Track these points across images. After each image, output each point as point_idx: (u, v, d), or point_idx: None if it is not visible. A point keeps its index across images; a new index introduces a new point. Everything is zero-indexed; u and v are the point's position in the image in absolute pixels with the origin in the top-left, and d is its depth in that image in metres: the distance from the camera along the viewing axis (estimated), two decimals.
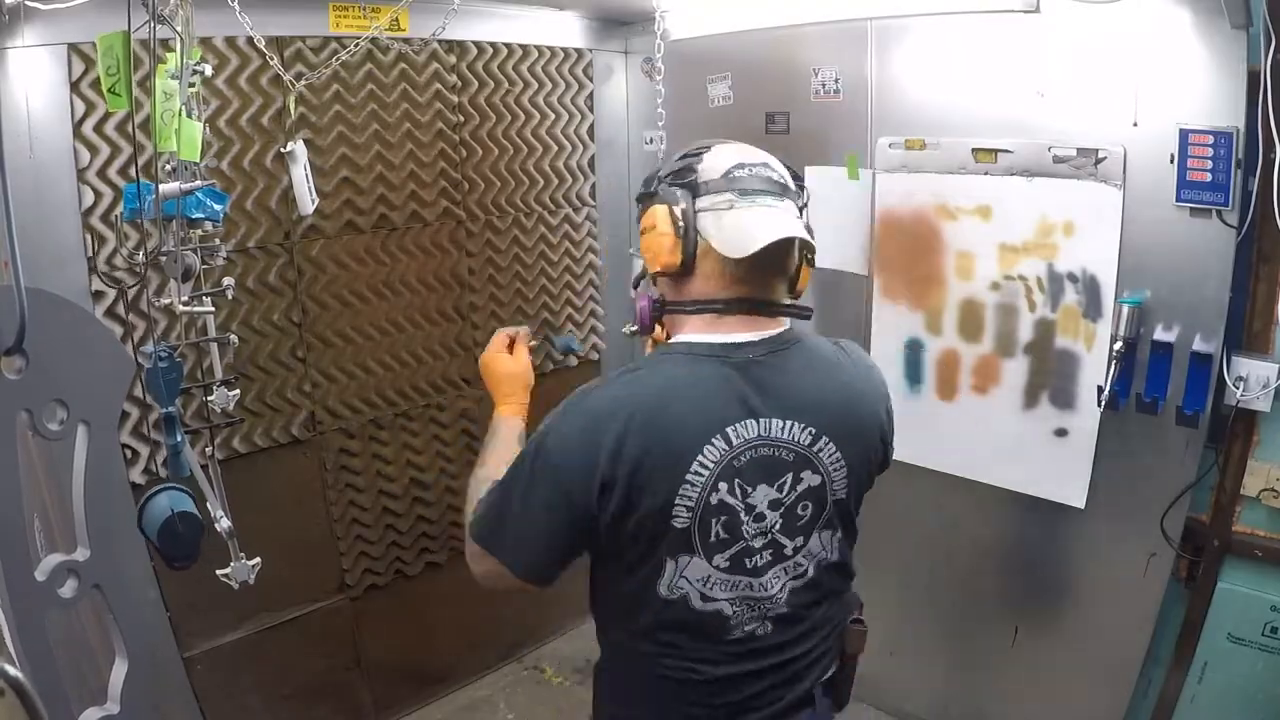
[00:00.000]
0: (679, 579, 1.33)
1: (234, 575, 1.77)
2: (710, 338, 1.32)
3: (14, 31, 1.96)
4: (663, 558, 1.32)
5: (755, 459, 1.30)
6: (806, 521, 1.37)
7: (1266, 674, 2.15)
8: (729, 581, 1.34)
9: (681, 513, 1.28)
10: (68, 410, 0.68)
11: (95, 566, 0.70)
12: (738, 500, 1.30)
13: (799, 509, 1.36)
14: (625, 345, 3.55)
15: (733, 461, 1.28)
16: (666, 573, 1.33)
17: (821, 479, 1.35)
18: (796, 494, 1.34)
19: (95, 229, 2.13)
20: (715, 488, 1.28)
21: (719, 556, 1.33)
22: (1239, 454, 2.14)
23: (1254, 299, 2.09)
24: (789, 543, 1.37)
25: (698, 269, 1.32)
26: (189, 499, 1.73)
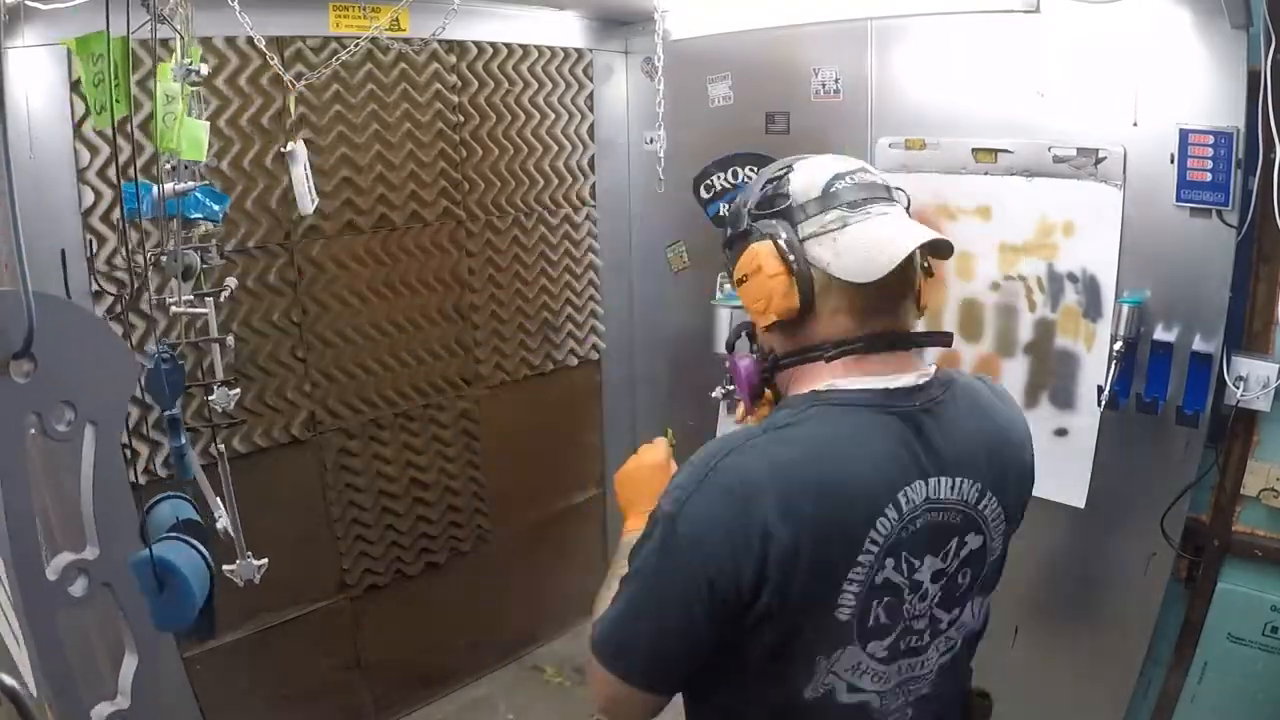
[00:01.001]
0: (828, 675, 1.10)
1: (240, 573, 1.76)
2: (863, 383, 1.10)
3: (14, 31, 1.95)
4: (815, 656, 1.09)
5: (923, 526, 1.08)
6: (964, 590, 1.17)
7: (1266, 674, 2.15)
8: (883, 672, 1.13)
9: (848, 601, 1.06)
10: (75, 411, 0.68)
11: (104, 565, 0.70)
12: (903, 578, 1.08)
13: (960, 578, 1.15)
14: (626, 346, 3.57)
15: (901, 533, 1.06)
16: (817, 672, 1.10)
17: (984, 540, 1.15)
18: (959, 560, 1.13)
19: (95, 229, 2.13)
20: (883, 565, 1.06)
21: (876, 644, 1.11)
22: (1239, 454, 2.14)
23: (1254, 299, 2.09)
24: (945, 616, 1.16)
25: (819, 308, 1.11)
26: (190, 506, 1.73)
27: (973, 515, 1.13)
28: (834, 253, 1.08)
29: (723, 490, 1.03)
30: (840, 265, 1.08)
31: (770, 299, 1.11)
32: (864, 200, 1.11)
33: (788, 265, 1.09)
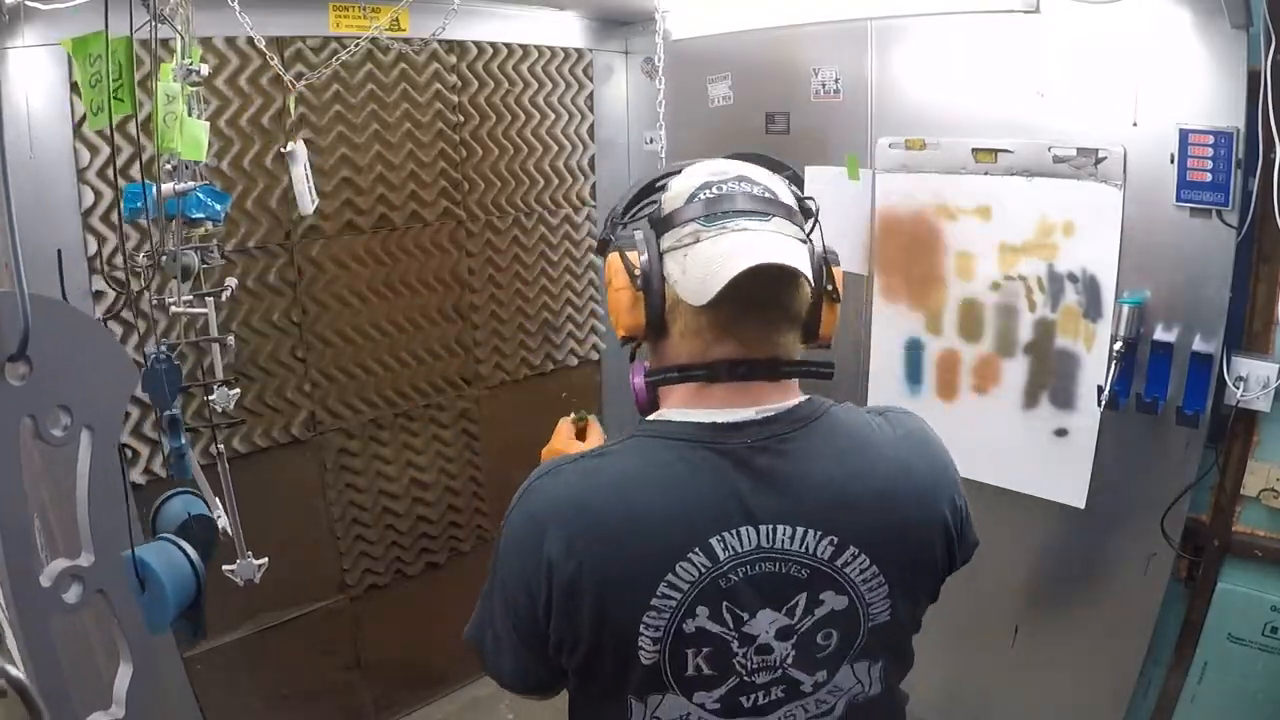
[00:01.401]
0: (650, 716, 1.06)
1: (239, 573, 1.77)
2: (694, 415, 1.03)
3: (14, 31, 1.95)
4: (627, 698, 1.04)
5: (753, 576, 0.99)
6: (832, 652, 1.06)
7: (1266, 674, 2.15)
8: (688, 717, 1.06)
9: (647, 645, 0.99)
10: (71, 416, 0.68)
11: (99, 572, 0.70)
12: (726, 629, 1.01)
13: (819, 638, 1.04)
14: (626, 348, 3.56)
15: (718, 580, 0.98)
16: (634, 714, 1.06)
17: (849, 600, 1.03)
18: (814, 619, 1.03)
19: (95, 229, 2.14)
20: (692, 613, 0.99)
21: (702, 694, 1.04)
22: (1239, 454, 2.14)
23: (1254, 299, 2.09)
24: (807, 678, 1.06)
25: (670, 328, 1.03)
26: (201, 501, 1.73)
27: (826, 571, 1.01)
28: (681, 270, 0.99)
29: (524, 514, 1.02)
30: (683, 285, 0.99)
31: (619, 314, 1.05)
32: (725, 213, 1.00)
33: (631, 280, 1.02)
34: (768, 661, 1.03)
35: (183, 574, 1.43)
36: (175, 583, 1.40)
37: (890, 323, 2.64)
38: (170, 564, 1.41)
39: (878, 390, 2.71)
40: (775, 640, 1.02)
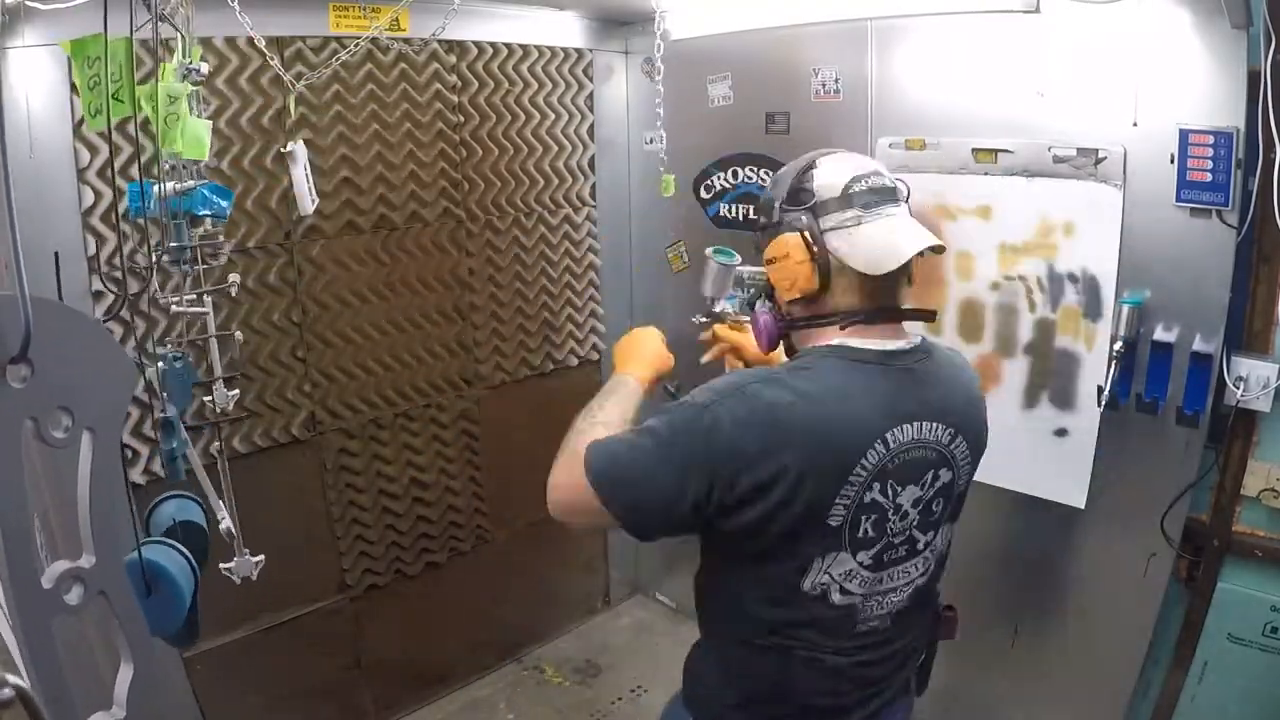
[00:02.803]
0: (823, 575, 1.34)
1: (237, 570, 1.77)
2: (866, 344, 1.34)
3: (14, 31, 1.95)
4: (811, 554, 1.32)
5: (907, 461, 1.33)
6: (937, 517, 1.42)
7: (1266, 674, 2.15)
8: (869, 579, 1.37)
9: (839, 512, 1.29)
10: (72, 418, 0.68)
11: (100, 573, 0.70)
12: (888, 500, 1.33)
13: (934, 506, 1.40)
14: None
15: (887, 464, 1.30)
16: (813, 569, 1.33)
17: (953, 475, 1.40)
18: (934, 491, 1.38)
19: (95, 229, 2.13)
20: (870, 488, 1.30)
21: (864, 553, 1.34)
22: (1239, 454, 2.14)
23: (1254, 299, 2.09)
24: (922, 538, 1.41)
25: (833, 286, 1.35)
26: (196, 506, 1.73)
27: (945, 454, 1.38)
28: (850, 245, 1.32)
29: (751, 407, 1.26)
30: (854, 258, 1.32)
31: (796, 280, 1.36)
32: (876, 203, 1.33)
33: (811, 254, 1.34)
34: (904, 525, 1.37)
35: (186, 577, 1.43)
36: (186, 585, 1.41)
37: None
38: (176, 567, 1.41)
39: None
40: (911, 508, 1.36)
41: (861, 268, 1.31)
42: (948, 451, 1.38)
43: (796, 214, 1.36)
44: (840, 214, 1.33)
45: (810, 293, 1.36)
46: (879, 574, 1.37)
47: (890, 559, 1.38)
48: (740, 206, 3.05)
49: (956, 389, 1.43)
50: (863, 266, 1.31)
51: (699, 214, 3.18)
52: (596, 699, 3.19)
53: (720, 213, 3.12)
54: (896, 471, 1.32)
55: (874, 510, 1.32)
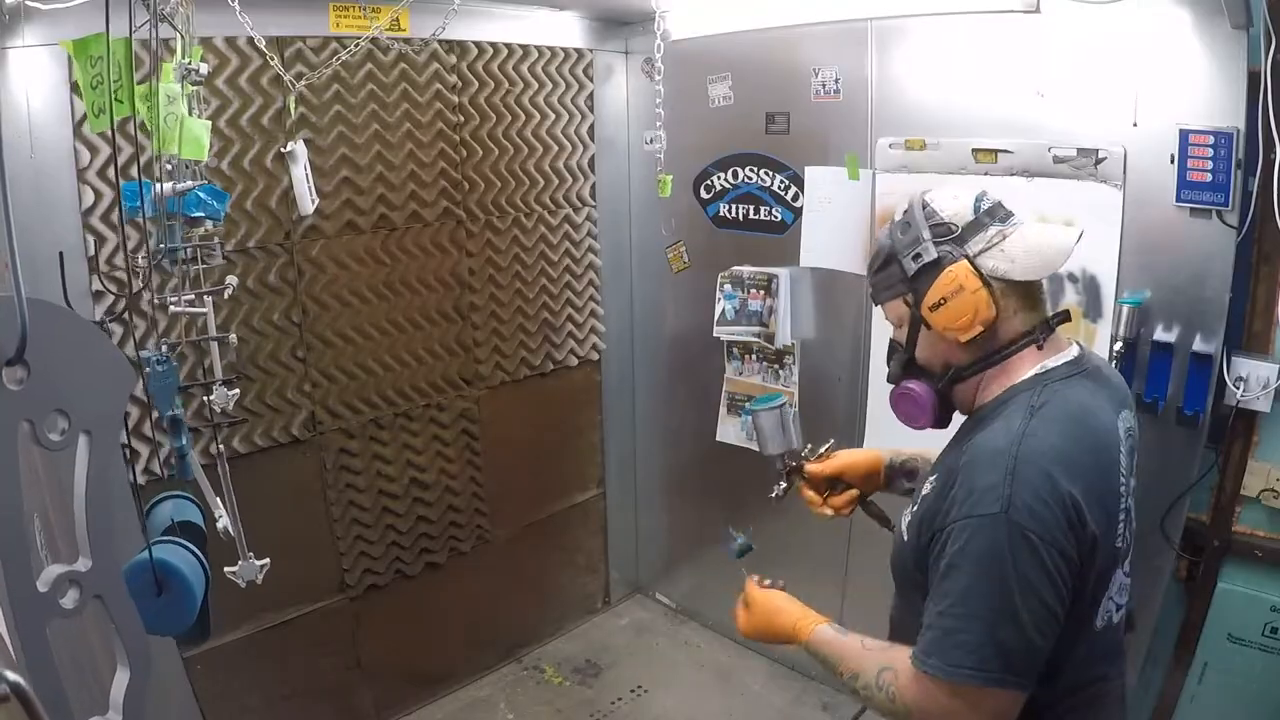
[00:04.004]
0: (1107, 602, 1.27)
1: (241, 574, 1.76)
2: (1057, 360, 1.30)
3: (14, 31, 1.96)
4: (1102, 588, 1.25)
5: (1129, 454, 1.29)
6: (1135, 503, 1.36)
7: (1266, 674, 2.15)
8: (1127, 585, 1.33)
9: (1119, 528, 1.24)
10: (69, 420, 0.68)
11: (96, 577, 0.70)
12: (1130, 500, 1.29)
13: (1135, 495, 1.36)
14: (626, 346, 3.57)
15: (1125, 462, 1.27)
16: (1101, 601, 1.26)
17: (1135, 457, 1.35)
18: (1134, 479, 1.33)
19: (95, 229, 2.13)
20: (1126, 493, 1.27)
21: (1126, 562, 1.30)
22: (1239, 454, 2.14)
23: (1254, 299, 2.09)
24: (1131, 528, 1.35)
25: (1003, 312, 1.28)
26: (193, 507, 1.73)
27: (1137, 441, 1.34)
28: (1009, 260, 1.26)
29: (1037, 470, 1.14)
30: (1021, 268, 1.25)
31: (976, 312, 1.26)
32: (1004, 215, 1.30)
33: (984, 280, 1.25)
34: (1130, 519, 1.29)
35: (198, 574, 1.43)
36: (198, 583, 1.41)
37: None
38: (188, 564, 1.41)
39: (879, 388, 2.71)
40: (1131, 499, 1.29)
41: (1028, 275, 1.26)
42: (1137, 436, 1.35)
43: (948, 247, 1.28)
44: (982, 234, 1.27)
45: (990, 322, 1.26)
46: (1129, 577, 1.33)
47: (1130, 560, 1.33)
48: (740, 206, 3.05)
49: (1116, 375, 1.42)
50: (1029, 274, 1.26)
51: (699, 214, 3.18)
52: (596, 699, 3.19)
53: (720, 213, 3.11)
54: (1128, 467, 1.28)
55: (1127, 514, 1.27)
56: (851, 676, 1.30)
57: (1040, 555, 1.11)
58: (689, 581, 3.69)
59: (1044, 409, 1.22)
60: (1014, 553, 1.11)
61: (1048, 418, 1.20)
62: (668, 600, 3.80)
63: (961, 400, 1.38)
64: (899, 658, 1.22)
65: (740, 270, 3.05)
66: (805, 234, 2.85)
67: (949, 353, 1.34)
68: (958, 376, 1.34)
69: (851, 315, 2.79)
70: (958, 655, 1.13)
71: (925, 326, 1.33)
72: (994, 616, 1.12)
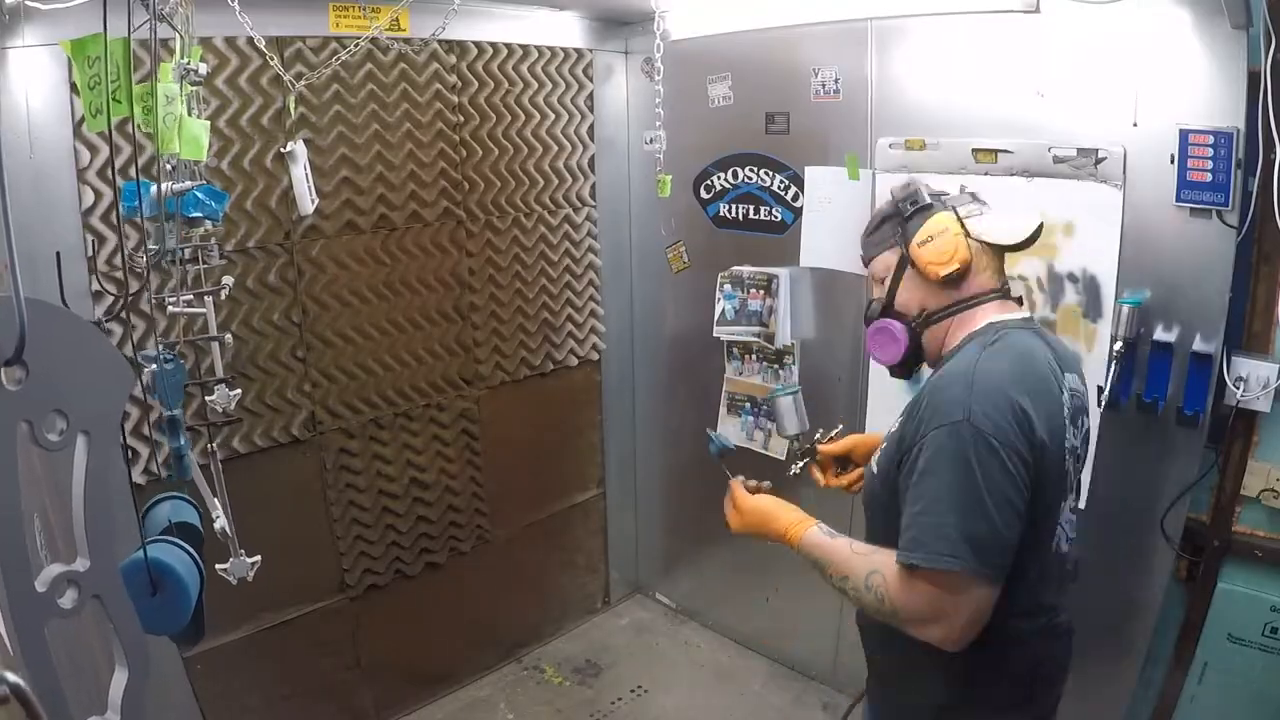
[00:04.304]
0: (1058, 529, 1.42)
1: (233, 571, 1.76)
2: (1012, 316, 1.48)
3: (14, 31, 1.96)
4: (1054, 511, 1.40)
5: (1075, 406, 1.44)
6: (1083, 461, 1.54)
7: (1266, 674, 2.15)
8: (1073, 520, 1.49)
9: (1067, 457, 1.39)
10: (67, 421, 0.68)
11: (95, 577, 0.70)
12: (1075, 442, 1.44)
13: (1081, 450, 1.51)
14: (626, 346, 3.57)
15: (1069, 409, 1.41)
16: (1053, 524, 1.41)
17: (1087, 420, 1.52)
18: (1083, 435, 1.50)
19: (95, 229, 2.14)
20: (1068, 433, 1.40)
21: (1071, 497, 1.47)
22: (1239, 454, 2.14)
23: (1254, 299, 2.09)
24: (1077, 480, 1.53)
25: (975, 266, 1.49)
26: (190, 507, 1.73)
27: (1084, 404, 1.49)
28: (986, 225, 1.49)
29: (992, 386, 1.30)
30: (994, 233, 1.49)
31: (955, 251, 1.46)
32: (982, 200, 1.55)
33: (965, 228, 1.48)
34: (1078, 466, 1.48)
35: (193, 574, 1.43)
36: (193, 583, 1.40)
37: None
38: (183, 565, 1.41)
39: (878, 388, 2.71)
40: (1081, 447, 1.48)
41: (1004, 239, 1.48)
42: (1085, 401, 1.51)
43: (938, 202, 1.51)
44: (968, 205, 1.51)
45: (965, 265, 1.46)
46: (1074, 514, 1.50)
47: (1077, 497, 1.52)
48: (740, 206, 3.05)
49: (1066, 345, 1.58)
50: (1004, 238, 1.48)
51: (699, 214, 3.18)
52: (596, 699, 3.19)
53: (720, 213, 3.11)
54: (1073, 415, 1.42)
55: (1072, 454, 1.42)
56: (840, 579, 1.41)
57: (1000, 455, 1.25)
58: (689, 581, 3.69)
59: (996, 344, 1.39)
60: (977, 453, 1.25)
61: (999, 350, 1.38)
62: (668, 600, 3.80)
63: (930, 347, 1.54)
64: (886, 561, 1.33)
65: (740, 270, 3.05)
66: (805, 234, 2.85)
67: (924, 298, 1.52)
68: (930, 320, 1.52)
69: (851, 315, 2.79)
70: (938, 546, 1.25)
71: (910, 266, 1.51)
72: (966, 510, 1.25)
